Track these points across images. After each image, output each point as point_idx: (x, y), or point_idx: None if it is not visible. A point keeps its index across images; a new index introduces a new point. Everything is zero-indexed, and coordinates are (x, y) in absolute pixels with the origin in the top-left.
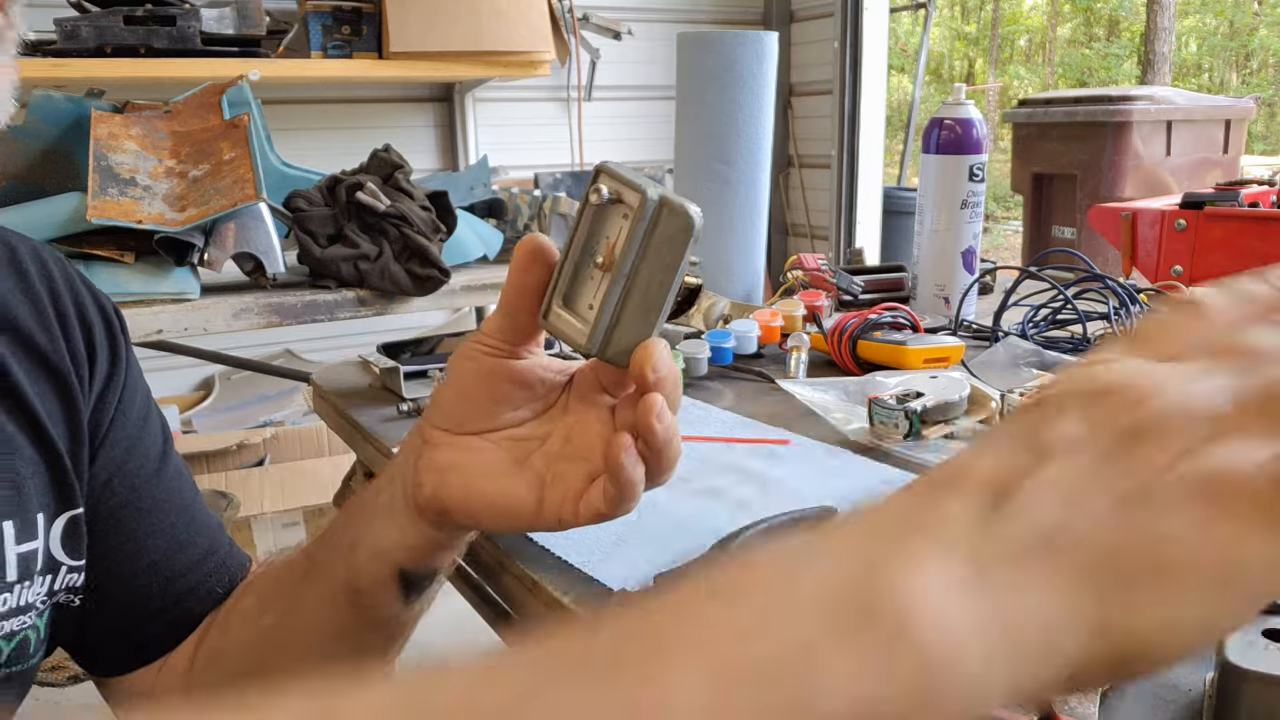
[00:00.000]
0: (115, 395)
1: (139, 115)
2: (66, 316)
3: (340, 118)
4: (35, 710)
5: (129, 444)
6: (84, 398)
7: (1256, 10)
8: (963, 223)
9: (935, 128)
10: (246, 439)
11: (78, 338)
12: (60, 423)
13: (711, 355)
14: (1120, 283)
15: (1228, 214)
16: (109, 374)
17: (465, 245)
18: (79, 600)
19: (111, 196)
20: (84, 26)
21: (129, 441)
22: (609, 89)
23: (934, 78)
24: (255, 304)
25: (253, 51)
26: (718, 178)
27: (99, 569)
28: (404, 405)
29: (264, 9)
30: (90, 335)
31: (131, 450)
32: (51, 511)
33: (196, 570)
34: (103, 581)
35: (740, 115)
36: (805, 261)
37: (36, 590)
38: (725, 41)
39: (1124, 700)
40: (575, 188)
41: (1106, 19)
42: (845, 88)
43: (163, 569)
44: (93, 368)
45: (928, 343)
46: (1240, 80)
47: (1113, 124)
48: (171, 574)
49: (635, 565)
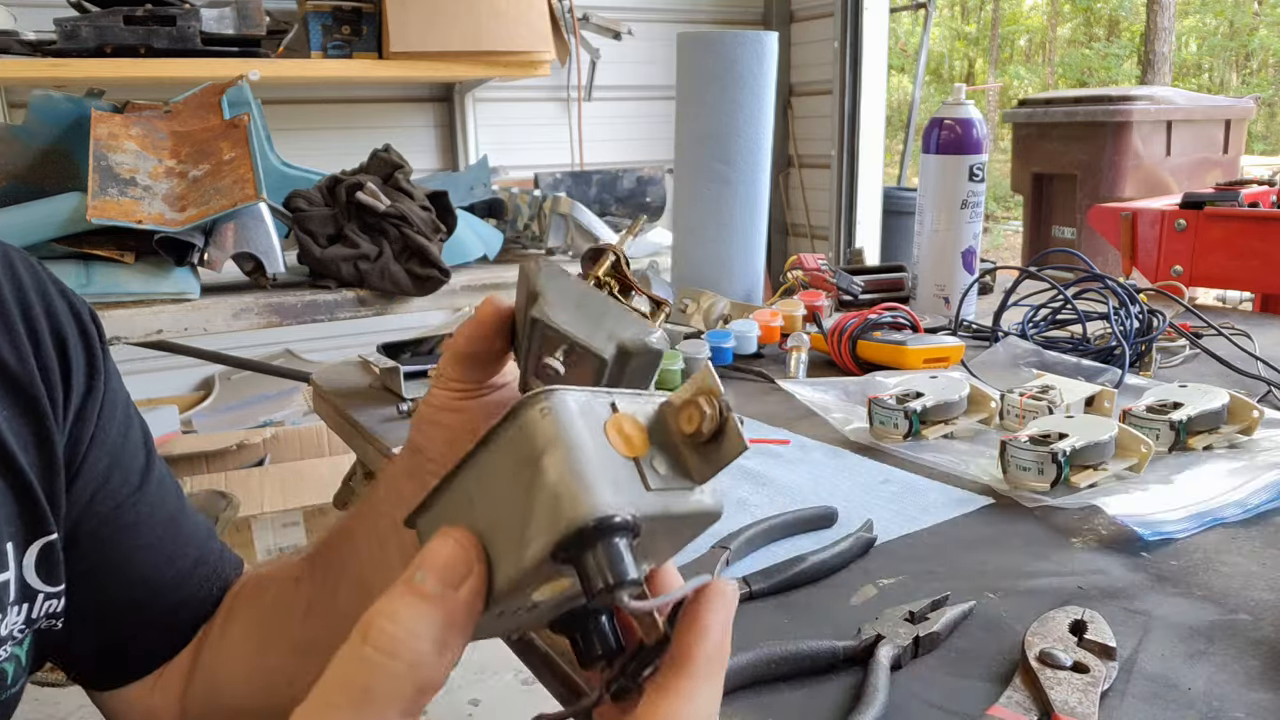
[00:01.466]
0: (94, 409)
1: (139, 115)
2: (38, 332)
3: (340, 118)
4: (35, 710)
5: (110, 460)
6: (59, 419)
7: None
8: (963, 223)
9: (935, 128)
10: (246, 439)
11: (50, 354)
12: (31, 449)
13: (711, 355)
14: (1120, 283)
15: (1228, 214)
16: (87, 389)
17: (465, 245)
18: (61, 624)
19: (111, 196)
20: (84, 26)
21: (110, 458)
22: (609, 89)
23: (934, 78)
24: (255, 304)
25: (253, 51)
26: (718, 178)
27: (85, 587)
28: (404, 405)
29: (264, 9)
30: (65, 349)
31: (113, 466)
32: (21, 540)
33: (187, 583)
34: (90, 600)
35: (740, 115)
36: (805, 261)
37: (12, 620)
38: (725, 41)
39: (1124, 700)
40: (575, 188)
41: (1106, 19)
42: (845, 88)
43: (152, 583)
44: (68, 385)
45: (928, 343)
46: (1240, 80)
47: (1113, 124)
48: (161, 587)
49: None
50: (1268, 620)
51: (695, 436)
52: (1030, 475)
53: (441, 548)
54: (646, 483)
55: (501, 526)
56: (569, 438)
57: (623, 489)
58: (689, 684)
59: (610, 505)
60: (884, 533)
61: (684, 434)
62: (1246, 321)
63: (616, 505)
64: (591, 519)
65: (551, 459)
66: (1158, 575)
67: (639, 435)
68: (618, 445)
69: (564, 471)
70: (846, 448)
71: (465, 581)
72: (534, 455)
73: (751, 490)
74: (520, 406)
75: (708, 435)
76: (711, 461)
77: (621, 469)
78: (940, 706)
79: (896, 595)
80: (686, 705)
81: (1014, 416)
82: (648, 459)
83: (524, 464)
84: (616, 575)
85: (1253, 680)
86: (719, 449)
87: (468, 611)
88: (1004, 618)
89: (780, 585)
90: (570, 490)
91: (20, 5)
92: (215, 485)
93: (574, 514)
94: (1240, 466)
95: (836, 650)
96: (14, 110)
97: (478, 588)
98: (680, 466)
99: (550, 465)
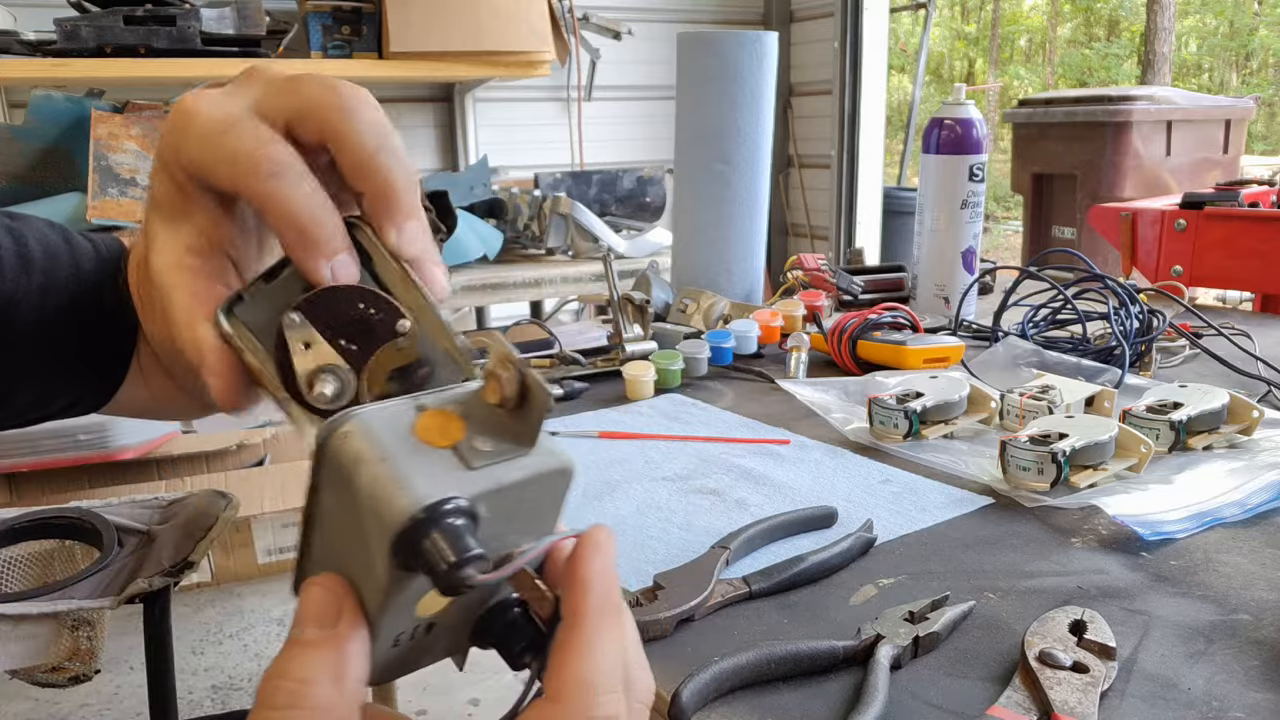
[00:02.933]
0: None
1: (139, 115)
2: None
3: None
4: (35, 710)
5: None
6: None
7: (1256, 10)
8: (963, 223)
9: (935, 128)
10: (246, 439)
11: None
12: None
13: (711, 355)
14: (1120, 283)
15: (1228, 214)
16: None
17: (465, 245)
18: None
19: (111, 196)
20: (84, 26)
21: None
22: (609, 89)
23: (934, 78)
24: None
25: (253, 51)
26: (718, 178)
27: None
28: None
29: (264, 9)
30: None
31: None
32: None
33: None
34: None
35: (740, 115)
36: (805, 261)
37: None
38: (725, 41)
39: (1124, 700)
40: (575, 188)
41: (1106, 19)
42: (845, 88)
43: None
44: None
45: (928, 343)
46: (1240, 80)
47: (1113, 124)
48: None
49: (635, 565)
50: (1268, 620)
51: (504, 404)
52: (1030, 475)
53: (309, 596)
54: (469, 464)
55: (354, 557)
56: (372, 449)
57: (440, 477)
58: (583, 638)
59: (426, 494)
60: (884, 533)
61: (494, 406)
62: (1246, 321)
63: (435, 492)
64: (409, 514)
65: (363, 475)
66: (1158, 575)
67: (453, 424)
68: (431, 439)
69: (375, 481)
70: (846, 448)
71: (341, 617)
72: (347, 478)
73: (751, 490)
74: (324, 440)
75: (514, 399)
76: (527, 422)
77: (438, 460)
78: (940, 706)
79: (896, 595)
80: (586, 661)
81: (1014, 416)
82: (466, 442)
83: (343, 490)
84: (457, 552)
85: (1253, 680)
86: (528, 408)
87: (352, 642)
88: (1004, 618)
89: (780, 585)
90: (385, 495)
91: (20, 5)
92: (215, 485)
93: (394, 517)
94: (1240, 466)
95: (836, 650)
96: (14, 110)
97: (353, 619)
98: (504, 438)
99: (362, 481)
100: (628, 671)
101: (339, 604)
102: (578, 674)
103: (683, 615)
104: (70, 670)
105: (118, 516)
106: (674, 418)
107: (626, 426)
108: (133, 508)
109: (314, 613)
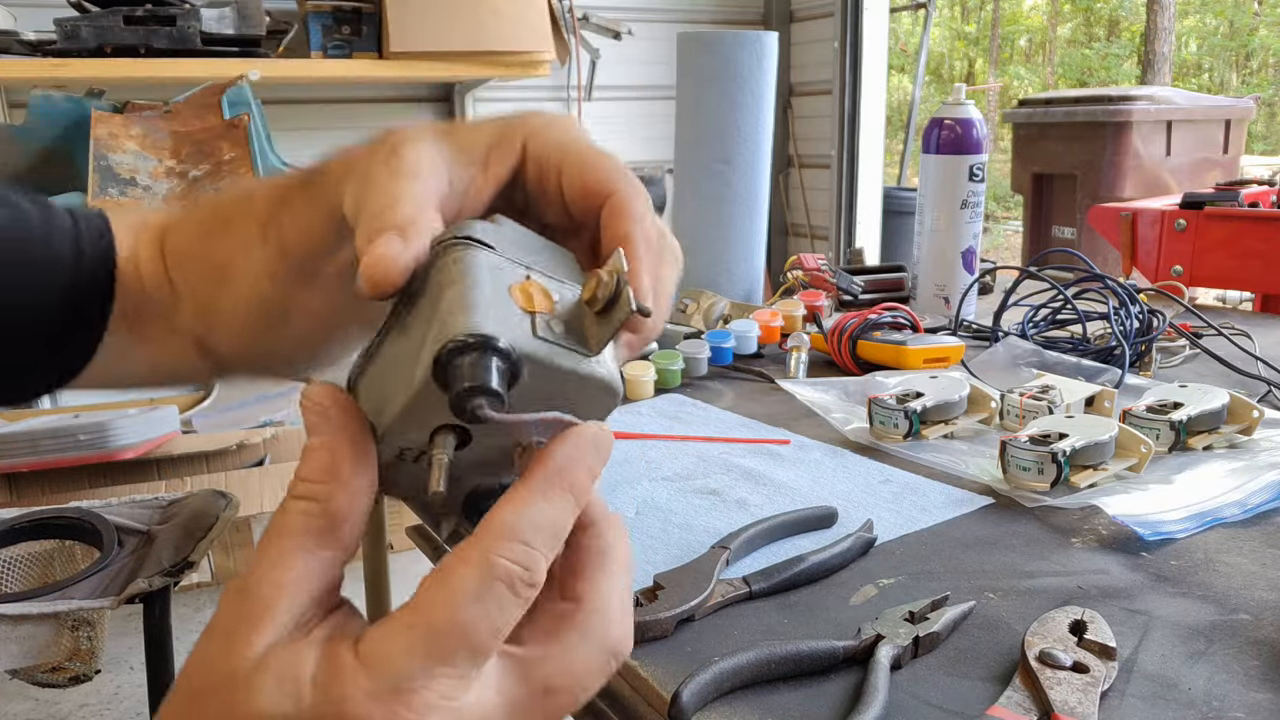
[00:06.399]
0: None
1: (139, 115)
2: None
3: (340, 118)
4: (35, 710)
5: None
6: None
7: (1256, 10)
8: (963, 223)
9: (935, 128)
10: (246, 439)
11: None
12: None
13: (711, 355)
14: (1120, 283)
15: (1228, 214)
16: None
17: None
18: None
19: (112, 196)
20: (84, 26)
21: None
22: (609, 89)
23: (934, 78)
24: None
25: (253, 51)
26: (718, 178)
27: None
28: None
29: (264, 9)
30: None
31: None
32: None
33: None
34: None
35: (740, 115)
36: (805, 261)
37: None
38: (725, 41)
39: (1124, 700)
40: None
41: (1106, 19)
42: (845, 88)
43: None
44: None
45: (928, 343)
46: (1240, 80)
47: (1113, 124)
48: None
49: (635, 565)
50: (1268, 620)
51: (592, 304)
52: (1030, 475)
53: (310, 393)
54: (535, 332)
55: (403, 365)
56: (469, 277)
57: (507, 324)
58: (520, 493)
59: (484, 326)
60: (884, 533)
61: (584, 303)
62: (1246, 321)
63: (492, 330)
64: (464, 331)
65: (451, 291)
66: (1158, 575)
67: (543, 299)
68: (518, 301)
69: (455, 298)
70: (846, 448)
71: (338, 410)
72: (440, 288)
73: (751, 490)
74: (437, 253)
75: (603, 302)
76: (602, 328)
77: (514, 315)
78: (940, 706)
79: (896, 595)
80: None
81: (1014, 416)
82: (544, 318)
83: (432, 298)
84: (476, 379)
85: (1253, 680)
86: (609, 316)
87: (354, 432)
88: (1004, 618)
89: (780, 585)
90: (454, 311)
91: (20, 5)
92: (215, 485)
93: (450, 329)
94: (1240, 466)
95: (836, 650)
96: (14, 110)
97: (350, 411)
98: (578, 336)
99: (448, 295)
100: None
101: (333, 400)
102: (500, 516)
103: (683, 615)
104: (70, 670)
105: (118, 516)
106: (674, 418)
107: (627, 426)
108: (133, 508)
109: (314, 408)
